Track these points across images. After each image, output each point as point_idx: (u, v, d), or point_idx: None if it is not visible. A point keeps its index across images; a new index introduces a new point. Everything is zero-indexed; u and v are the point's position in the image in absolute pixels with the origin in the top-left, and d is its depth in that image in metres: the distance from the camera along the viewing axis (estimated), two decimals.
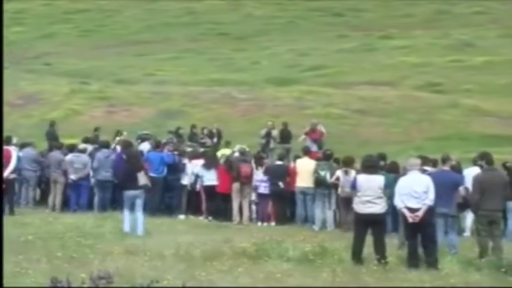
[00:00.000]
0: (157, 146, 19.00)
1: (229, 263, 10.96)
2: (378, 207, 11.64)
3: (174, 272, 9.89)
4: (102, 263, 10.30)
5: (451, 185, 12.73)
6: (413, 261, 11.40)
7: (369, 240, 11.76)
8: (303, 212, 17.35)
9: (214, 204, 17.77)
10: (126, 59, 45.08)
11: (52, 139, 23.27)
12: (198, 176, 18.00)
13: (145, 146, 20.53)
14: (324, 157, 17.67)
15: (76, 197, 18.01)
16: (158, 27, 53.84)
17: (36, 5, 61.31)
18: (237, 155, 19.13)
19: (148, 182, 14.61)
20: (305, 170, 17.19)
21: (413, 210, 11.46)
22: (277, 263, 11.10)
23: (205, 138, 25.51)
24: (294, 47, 45.50)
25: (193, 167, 18.11)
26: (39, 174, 18.79)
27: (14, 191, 17.32)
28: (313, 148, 22.04)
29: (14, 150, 17.04)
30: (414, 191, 11.50)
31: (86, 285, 6.92)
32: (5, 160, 16.28)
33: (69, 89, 34.77)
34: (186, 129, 26.05)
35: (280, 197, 17.60)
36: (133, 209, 14.20)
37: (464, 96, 32.94)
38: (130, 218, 14.08)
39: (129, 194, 14.13)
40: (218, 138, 25.83)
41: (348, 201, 14.17)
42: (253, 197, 17.91)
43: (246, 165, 17.75)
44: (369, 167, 11.94)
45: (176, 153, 18.68)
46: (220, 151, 21.12)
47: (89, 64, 43.19)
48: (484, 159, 12.93)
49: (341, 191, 16.28)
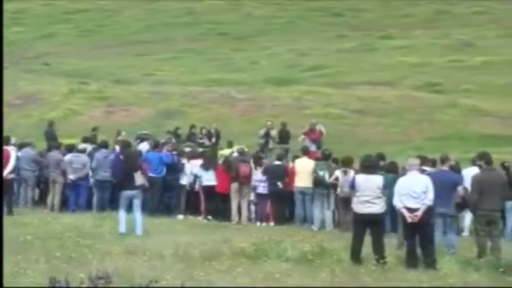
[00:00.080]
0: (156, 146, 18.99)
1: (228, 263, 10.96)
2: (377, 207, 11.64)
3: (173, 272, 9.90)
4: (101, 263, 10.30)
5: (450, 185, 12.72)
6: (412, 261, 11.40)
7: (367, 240, 11.76)
8: (301, 212, 17.35)
9: (213, 204, 17.77)
10: (125, 59, 45.08)
11: (51, 139, 23.24)
12: (197, 176, 18.00)
13: (144, 146, 20.54)
14: (323, 157, 17.66)
15: (75, 197, 18.00)
16: (158, 27, 53.84)
17: (36, 5, 61.32)
18: (235, 155, 19.15)
19: (145, 182, 14.59)
20: (304, 170, 17.18)
21: (412, 210, 11.46)
22: (276, 263, 11.10)
23: (203, 139, 25.51)
24: (294, 47, 45.51)
25: (192, 167, 18.11)
26: (38, 174, 18.77)
27: (12, 191, 17.31)
28: (312, 148, 22.03)
29: (12, 150, 17.03)
30: (413, 191, 11.50)
31: (84, 285, 6.93)
32: (3, 160, 16.27)
33: (68, 89, 34.75)
34: (185, 129, 26.04)
35: (278, 197, 17.59)
36: (130, 209, 14.20)
37: (463, 96, 32.94)
38: (127, 219, 14.06)
39: (126, 194, 14.14)
40: (216, 138, 25.84)
41: (347, 201, 14.17)
42: (252, 197, 17.91)
43: (244, 165, 17.74)
44: (367, 167, 11.95)
45: (175, 153, 18.68)
46: (222, 151, 21.12)
47: (88, 64, 43.19)
48: (483, 159, 12.92)
49: (340, 191, 16.27)
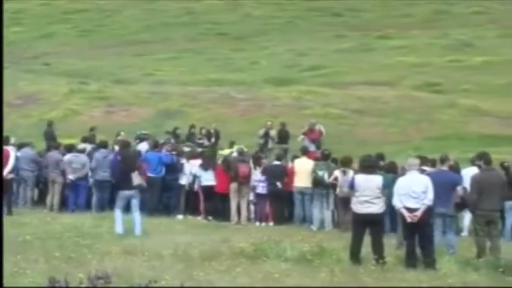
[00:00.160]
0: (155, 146, 18.99)
1: (227, 263, 10.96)
2: (376, 207, 11.64)
3: (172, 272, 9.89)
4: (100, 263, 10.30)
5: (449, 185, 12.71)
6: (411, 261, 11.40)
7: (367, 240, 11.76)
8: (301, 212, 17.35)
9: (212, 204, 17.77)
10: (125, 59, 45.07)
11: (50, 139, 23.22)
12: (196, 176, 18.00)
13: (143, 146, 20.54)
14: (322, 157, 17.66)
15: (74, 197, 18.00)
16: (157, 27, 53.84)
17: (34, 5, 61.30)
18: (235, 155, 19.15)
19: (143, 182, 14.59)
20: (303, 170, 17.18)
21: (411, 210, 11.46)
22: (276, 263, 11.10)
23: (203, 139, 25.51)
24: (293, 47, 45.51)
25: (191, 167, 18.11)
26: (37, 174, 18.77)
27: (12, 191, 17.31)
28: (311, 148, 22.03)
29: (12, 150, 17.03)
30: (413, 191, 11.50)
31: (83, 285, 6.93)
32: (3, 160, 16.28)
33: (68, 89, 34.74)
34: (184, 130, 26.03)
35: (278, 197, 17.59)
36: (127, 209, 14.17)
37: (462, 96, 32.93)
38: (125, 219, 14.03)
39: (124, 194, 14.10)
40: (216, 138, 25.84)
41: (346, 201, 14.17)
42: (251, 197, 17.91)
43: (244, 165, 17.74)
44: (367, 167, 11.95)
45: (174, 153, 18.68)
46: (223, 151, 21.11)
47: (87, 64, 43.18)
48: (482, 159, 12.91)
49: (339, 191, 16.28)
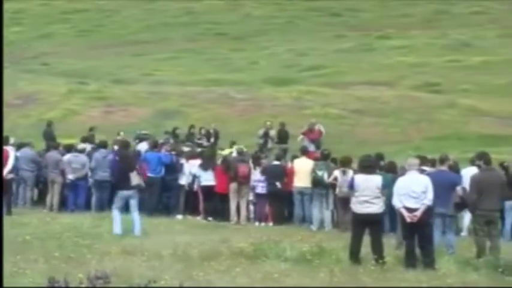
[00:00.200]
0: (154, 146, 18.98)
1: (226, 263, 10.95)
2: (376, 207, 11.64)
3: (172, 272, 9.89)
4: (100, 263, 10.30)
5: (449, 185, 12.70)
6: (410, 261, 11.40)
7: (366, 240, 11.76)
8: (300, 212, 17.34)
9: (212, 204, 17.76)
10: (124, 59, 45.05)
11: (49, 139, 23.21)
12: (196, 176, 17.99)
13: (143, 146, 20.55)
14: (322, 157, 17.66)
15: (74, 197, 18.00)
16: (156, 27, 53.81)
17: (34, 5, 61.25)
18: (234, 155, 19.15)
19: (141, 182, 14.58)
20: (303, 170, 17.18)
21: (411, 210, 11.45)
22: (275, 263, 11.10)
23: (202, 139, 25.50)
24: (292, 47, 45.49)
25: (191, 167, 18.10)
26: (37, 174, 18.76)
27: (11, 191, 17.30)
28: (311, 148, 22.03)
29: (11, 150, 17.03)
30: (412, 191, 11.50)
31: (83, 285, 6.92)
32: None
33: (67, 89, 34.73)
34: (183, 130, 26.02)
35: (277, 197, 17.58)
36: (125, 209, 14.15)
37: (462, 96, 32.92)
38: (124, 219, 14.00)
39: (122, 194, 14.08)
40: (215, 138, 25.83)
41: (346, 201, 14.16)
42: (251, 197, 17.90)
43: (243, 165, 17.73)
44: (366, 167, 11.95)
45: (174, 153, 18.67)
46: (224, 151, 21.10)
47: (86, 64, 43.14)
48: (482, 159, 12.90)
49: (339, 191, 16.27)
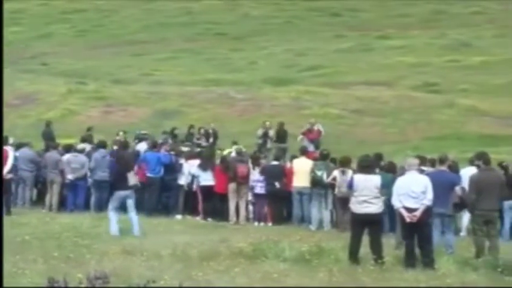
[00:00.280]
0: (154, 146, 18.98)
1: (226, 263, 10.96)
2: (375, 207, 11.64)
3: (171, 272, 9.89)
4: (99, 263, 10.30)
5: (448, 185, 12.70)
6: (410, 261, 11.40)
7: (365, 240, 11.76)
8: (299, 212, 17.33)
9: (211, 204, 17.75)
10: (123, 59, 45.06)
11: (48, 139, 23.23)
12: (195, 176, 17.98)
13: (142, 146, 20.55)
14: (321, 157, 17.66)
15: (73, 197, 18.00)
16: (155, 27, 53.81)
17: (33, 5, 61.24)
18: (233, 155, 19.15)
19: (137, 182, 14.61)
20: (302, 170, 17.16)
21: (411, 210, 11.46)
22: (274, 263, 11.10)
23: (201, 139, 25.49)
24: (291, 47, 45.50)
25: (190, 167, 18.09)
26: (36, 174, 18.75)
27: (10, 191, 17.30)
28: (310, 148, 22.05)
29: (10, 150, 17.03)
30: (412, 191, 11.50)
31: (82, 285, 6.92)
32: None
33: (66, 89, 34.73)
34: (182, 130, 26.01)
35: (276, 197, 17.57)
36: (122, 210, 14.13)
37: (461, 96, 32.95)
38: (122, 219, 14.00)
39: (120, 194, 14.07)
40: (214, 138, 25.82)
41: (345, 201, 14.17)
42: (250, 197, 17.89)
43: (242, 166, 17.72)
44: (365, 167, 11.95)
45: (173, 153, 18.67)
46: (225, 151, 21.10)
47: (85, 64, 43.15)
48: (481, 159, 12.90)
49: (338, 191, 16.26)
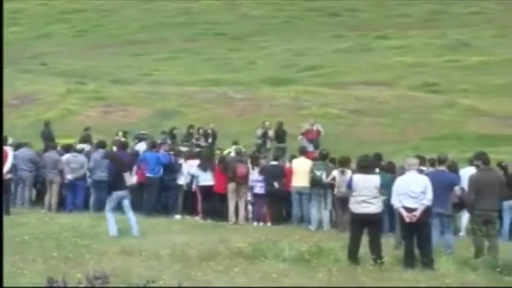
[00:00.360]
0: (153, 146, 18.98)
1: (225, 263, 10.96)
2: (374, 207, 11.64)
3: (170, 272, 9.90)
4: (98, 263, 10.30)
5: (447, 185, 12.71)
6: (409, 261, 11.41)
7: (364, 240, 11.77)
8: (299, 212, 17.32)
9: (210, 204, 17.75)
10: (122, 59, 45.05)
11: (47, 139, 23.23)
12: (194, 176, 17.97)
13: (141, 146, 20.55)
14: (320, 157, 17.65)
15: (72, 197, 18.00)
16: (154, 27, 53.80)
17: (32, 5, 61.22)
18: (232, 155, 19.14)
19: (134, 182, 14.66)
20: (301, 170, 17.16)
21: (410, 210, 11.46)
22: (273, 263, 11.10)
23: (200, 139, 25.48)
24: (290, 47, 45.49)
25: (189, 167, 18.09)
26: (35, 174, 18.74)
27: (10, 191, 17.30)
28: (310, 148, 22.05)
29: (9, 150, 17.03)
30: (411, 190, 11.50)
31: (82, 285, 6.92)
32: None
33: (65, 89, 34.73)
34: (181, 130, 26.00)
35: (275, 197, 17.56)
36: (119, 210, 14.13)
37: (460, 96, 32.96)
38: (119, 219, 13.99)
39: (117, 194, 14.04)
40: (213, 138, 25.80)
41: (344, 201, 14.17)
42: (249, 197, 17.89)
43: (241, 166, 17.71)
44: (364, 167, 11.95)
45: (172, 153, 18.67)
46: (225, 151, 21.09)
47: (85, 64, 43.14)
48: (480, 159, 12.91)
49: (337, 191, 16.26)
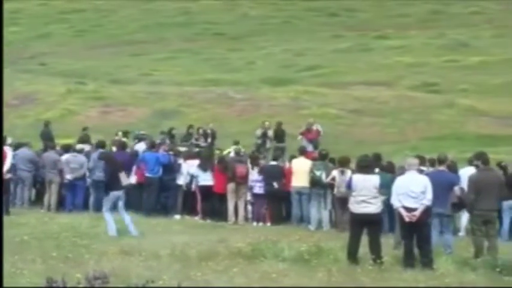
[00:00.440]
0: (152, 146, 18.98)
1: (224, 263, 10.96)
2: (373, 207, 11.64)
3: (170, 272, 9.90)
4: (98, 263, 10.30)
5: (447, 185, 12.71)
6: (409, 261, 11.41)
7: (364, 240, 11.77)
8: (298, 212, 17.33)
9: (210, 204, 17.75)
10: (121, 59, 45.03)
11: (47, 139, 23.23)
12: (194, 176, 17.97)
13: (141, 146, 20.56)
14: (320, 157, 17.66)
15: (72, 197, 18.00)
16: (153, 27, 53.78)
17: (31, 5, 61.19)
18: (232, 155, 19.14)
19: (129, 182, 14.71)
20: (301, 170, 17.16)
21: (410, 210, 11.46)
22: (273, 263, 11.10)
23: (200, 139, 25.48)
24: (290, 47, 45.48)
25: (189, 167, 18.08)
26: (34, 174, 18.74)
27: (9, 191, 17.29)
28: (309, 148, 22.05)
29: (9, 150, 17.03)
30: (411, 190, 11.50)
31: (81, 285, 6.92)
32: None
33: (65, 89, 34.74)
34: (180, 130, 25.99)
35: (275, 197, 17.57)
36: (115, 210, 14.12)
37: (459, 96, 32.95)
38: (116, 219, 13.98)
39: (114, 194, 14.05)
40: (212, 138, 25.80)
41: (344, 201, 14.17)
42: (249, 197, 17.89)
43: (241, 166, 17.71)
44: (364, 167, 11.95)
45: (171, 153, 18.67)
46: (226, 150, 21.08)
47: (84, 64, 43.12)
48: (480, 159, 12.91)
49: (337, 191, 16.27)
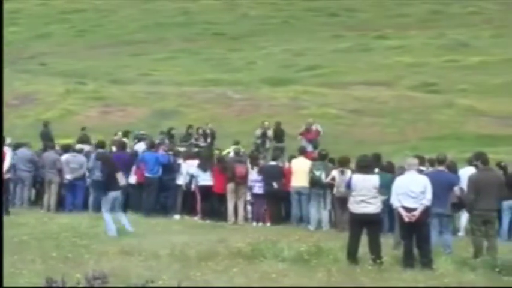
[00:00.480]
0: (152, 146, 18.98)
1: (224, 263, 10.96)
2: (373, 207, 11.64)
3: (169, 272, 9.90)
4: (97, 263, 10.30)
5: (447, 185, 12.71)
6: (408, 261, 11.41)
7: (364, 240, 11.77)
8: (298, 212, 17.33)
9: (209, 204, 17.75)
10: (121, 59, 45.02)
11: (46, 139, 23.23)
12: (193, 176, 17.97)
13: (141, 146, 20.56)
14: (319, 157, 17.66)
15: (71, 197, 18.00)
16: (153, 27, 53.78)
17: (31, 4, 61.17)
18: (231, 155, 19.14)
19: (126, 182, 14.76)
20: (300, 170, 17.16)
21: (410, 210, 11.46)
22: (273, 263, 11.11)
23: (199, 139, 25.48)
24: (289, 47, 45.47)
25: (188, 167, 18.08)
26: (34, 174, 18.74)
27: (9, 191, 17.30)
28: (309, 148, 22.06)
29: (8, 150, 17.04)
30: (411, 190, 11.50)
31: (81, 286, 6.93)
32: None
33: (65, 89, 34.75)
34: (180, 130, 25.99)
35: (274, 197, 17.57)
36: (113, 210, 14.14)
37: (459, 96, 32.95)
38: (114, 220, 13.98)
39: (112, 195, 14.04)
40: (212, 138, 25.80)
41: (343, 201, 14.16)
42: (249, 197, 17.89)
43: (241, 166, 17.72)
44: (363, 167, 11.95)
45: (171, 153, 18.67)
46: (225, 151, 21.07)
47: (84, 64, 43.11)
48: (479, 159, 12.91)
49: (336, 191, 16.27)
